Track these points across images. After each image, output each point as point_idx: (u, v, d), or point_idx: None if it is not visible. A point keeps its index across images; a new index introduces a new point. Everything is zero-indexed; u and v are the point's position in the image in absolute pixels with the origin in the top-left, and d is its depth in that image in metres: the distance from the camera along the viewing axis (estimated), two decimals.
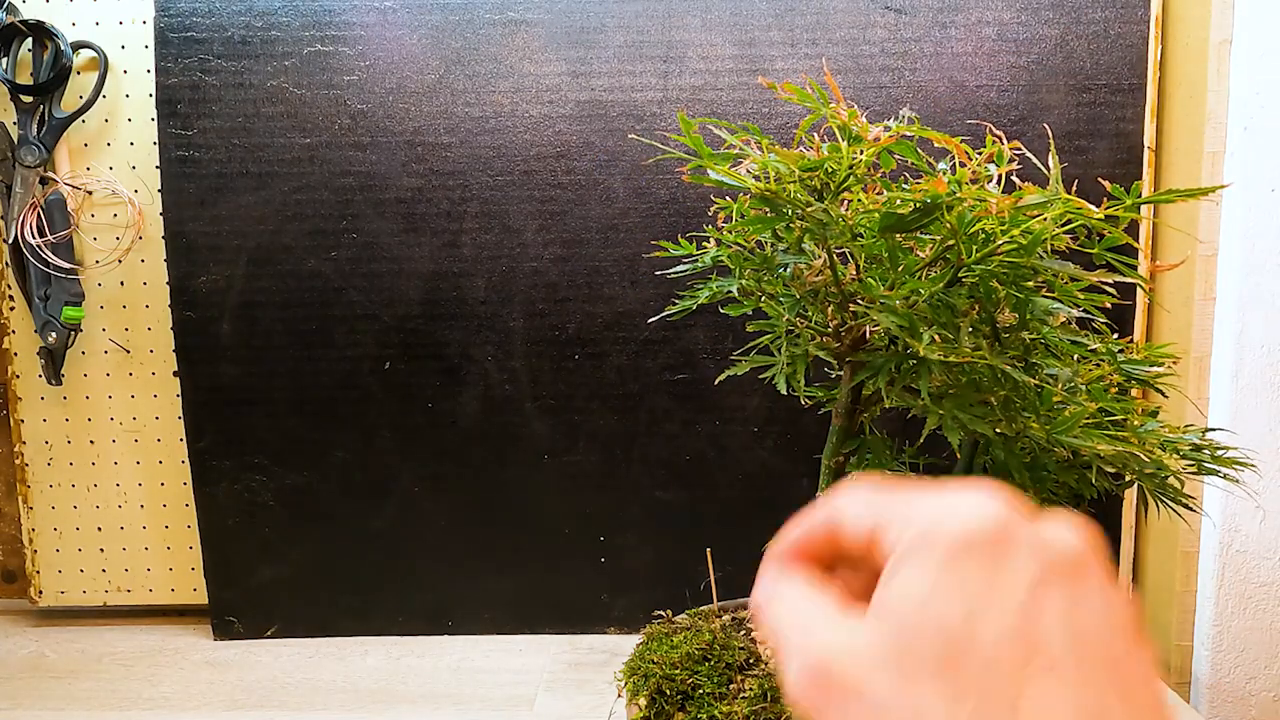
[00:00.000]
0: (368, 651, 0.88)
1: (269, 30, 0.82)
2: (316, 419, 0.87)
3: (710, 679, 0.53)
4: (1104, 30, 0.80)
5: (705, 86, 0.82)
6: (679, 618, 0.61)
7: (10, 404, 0.91)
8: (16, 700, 0.79)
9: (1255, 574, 0.78)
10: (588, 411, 0.87)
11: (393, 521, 0.89)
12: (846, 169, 0.43)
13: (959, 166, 0.44)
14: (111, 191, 0.87)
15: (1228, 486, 0.76)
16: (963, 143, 0.44)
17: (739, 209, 0.50)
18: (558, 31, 0.82)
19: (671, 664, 0.54)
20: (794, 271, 0.48)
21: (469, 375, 0.86)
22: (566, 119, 0.83)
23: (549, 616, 0.90)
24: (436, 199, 0.84)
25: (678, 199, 0.83)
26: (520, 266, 0.85)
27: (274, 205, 0.84)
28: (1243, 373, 0.76)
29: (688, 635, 0.57)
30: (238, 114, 0.83)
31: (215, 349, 0.86)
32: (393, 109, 0.83)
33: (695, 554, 0.88)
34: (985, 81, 0.81)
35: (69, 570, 0.93)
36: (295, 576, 0.89)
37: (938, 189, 0.40)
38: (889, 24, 0.81)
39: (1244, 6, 0.74)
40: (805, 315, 0.50)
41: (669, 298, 0.84)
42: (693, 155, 0.44)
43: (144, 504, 0.92)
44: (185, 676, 0.83)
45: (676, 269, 0.54)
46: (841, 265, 0.47)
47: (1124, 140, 0.81)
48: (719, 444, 0.86)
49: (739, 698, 0.51)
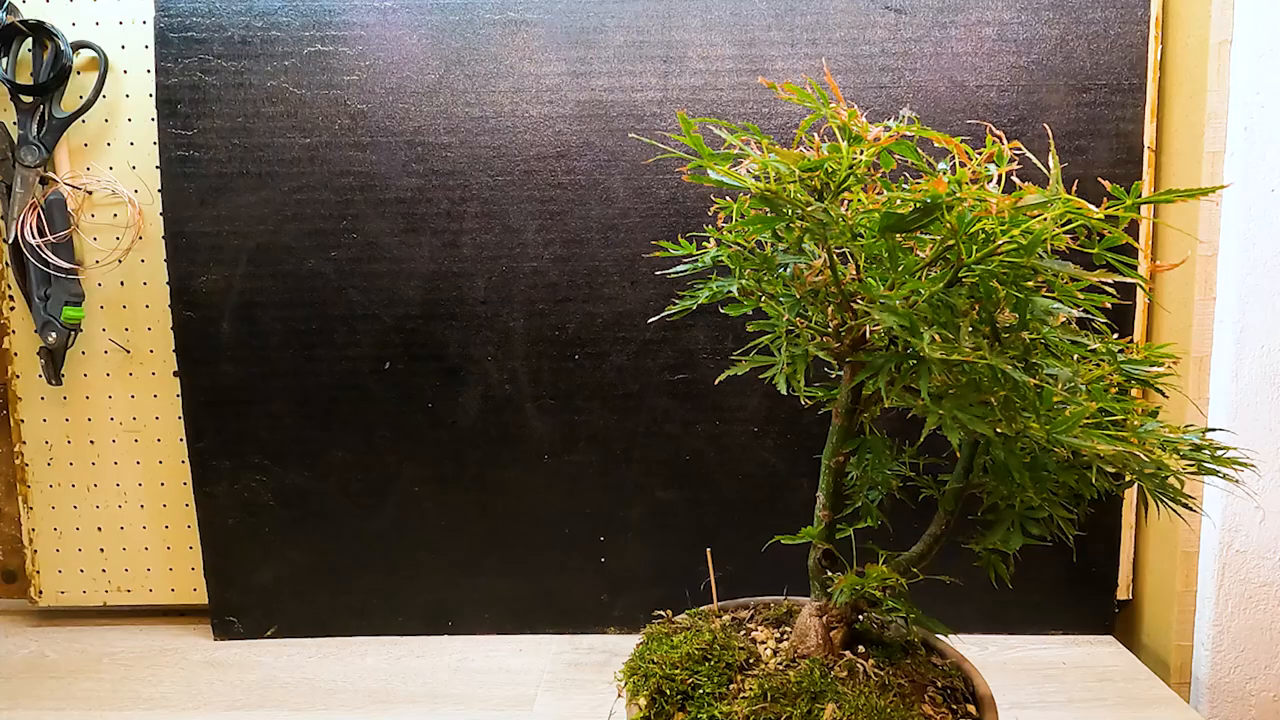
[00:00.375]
0: (368, 651, 0.88)
1: (269, 30, 0.82)
2: (316, 419, 0.87)
3: (710, 679, 0.53)
4: (1104, 30, 0.80)
5: (705, 86, 0.82)
6: (679, 618, 0.61)
7: (10, 404, 0.91)
8: (16, 700, 0.79)
9: (1255, 574, 0.78)
10: (588, 411, 0.87)
11: (393, 521, 0.89)
12: (846, 169, 0.43)
13: (959, 166, 0.44)
14: (111, 191, 0.87)
15: (1228, 486, 0.76)
16: (962, 142, 0.44)
17: (739, 209, 0.50)
18: (558, 31, 0.82)
19: (672, 664, 0.54)
20: (794, 271, 0.48)
21: (469, 375, 0.86)
22: (566, 119, 0.83)
23: (549, 616, 0.90)
24: (436, 199, 0.84)
25: (678, 199, 0.83)
26: (520, 266, 0.85)
27: (274, 205, 0.84)
28: (1243, 373, 0.76)
29: (688, 635, 0.57)
30: (238, 114, 0.83)
31: (215, 349, 0.86)
32: (393, 109, 0.83)
33: (695, 554, 0.88)
34: (985, 81, 0.81)
35: (69, 570, 0.93)
36: (295, 576, 0.89)
37: (938, 189, 0.40)
38: (889, 24, 0.81)
39: (1244, 6, 0.74)
40: (805, 315, 0.50)
41: (669, 298, 0.84)
42: (693, 155, 0.44)
43: (144, 504, 0.92)
44: (185, 676, 0.83)
45: (676, 269, 0.54)
46: (841, 265, 0.47)
47: (1124, 140, 0.81)
48: (719, 444, 0.86)
49: (739, 698, 0.51)
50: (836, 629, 0.56)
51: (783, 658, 0.56)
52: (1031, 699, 0.75)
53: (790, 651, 0.56)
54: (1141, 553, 0.86)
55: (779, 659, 0.55)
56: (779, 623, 0.61)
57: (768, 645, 0.57)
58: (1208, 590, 0.78)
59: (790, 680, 0.52)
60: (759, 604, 0.64)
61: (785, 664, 0.55)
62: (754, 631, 0.59)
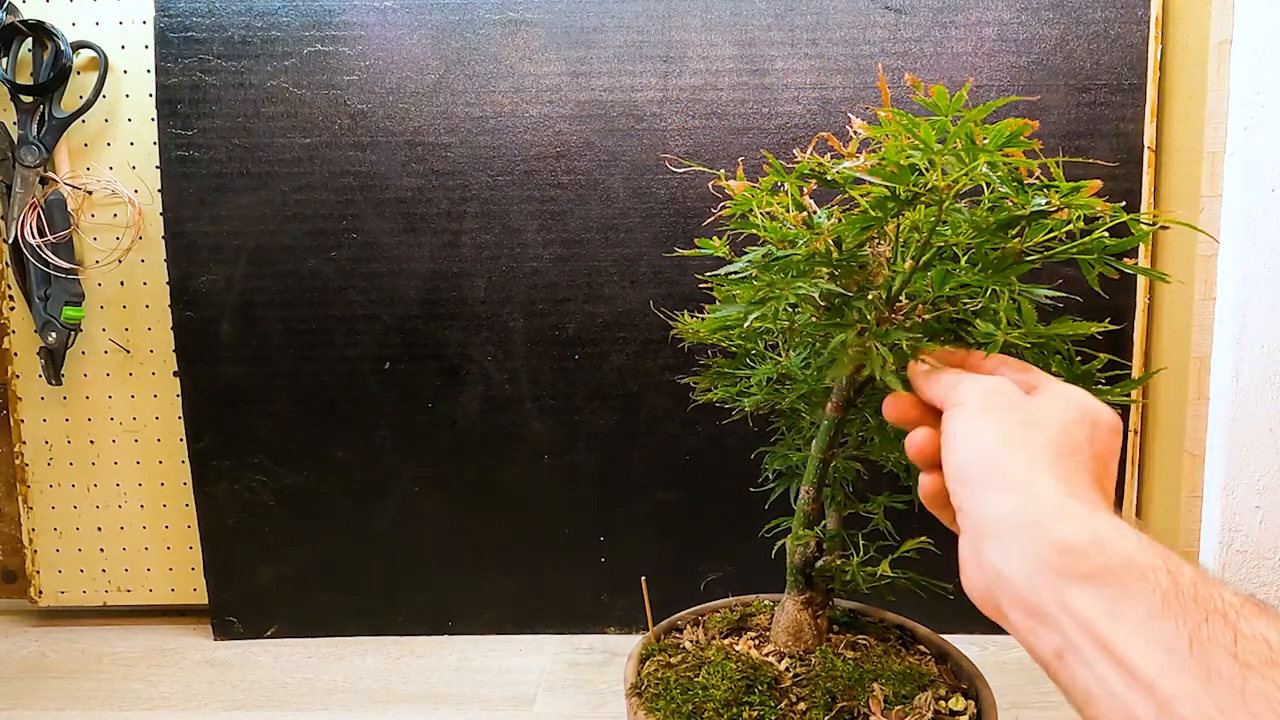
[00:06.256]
0: (368, 651, 0.88)
1: (269, 30, 0.82)
2: (316, 419, 0.87)
3: (766, 704, 0.52)
4: (1104, 30, 0.80)
5: (705, 86, 0.82)
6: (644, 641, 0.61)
7: (10, 404, 0.91)
8: (16, 700, 0.79)
9: (1255, 574, 0.78)
10: (588, 411, 0.87)
11: (393, 521, 0.89)
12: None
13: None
14: (111, 191, 0.87)
15: (1228, 486, 0.76)
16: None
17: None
18: (558, 31, 0.82)
19: (724, 703, 0.52)
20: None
21: (469, 375, 0.86)
22: (566, 119, 0.83)
23: (549, 616, 0.90)
24: (436, 199, 0.84)
25: (678, 199, 0.83)
26: (520, 266, 0.85)
27: (274, 205, 0.84)
28: (1243, 373, 0.76)
29: (691, 662, 0.57)
30: (238, 114, 0.83)
31: (215, 349, 0.86)
32: (393, 109, 0.83)
33: (695, 554, 0.88)
34: (985, 81, 0.81)
35: (69, 570, 0.93)
36: (295, 576, 0.89)
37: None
38: (889, 24, 0.81)
39: (1244, 6, 0.74)
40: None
41: (669, 297, 0.84)
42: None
43: (144, 504, 0.92)
44: (185, 676, 0.83)
45: (718, 270, 0.50)
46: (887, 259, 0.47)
47: (1124, 140, 0.81)
48: (719, 444, 0.86)
49: (809, 711, 0.51)
50: (820, 616, 0.57)
51: (790, 661, 0.56)
52: (1031, 699, 0.75)
53: (789, 650, 0.56)
54: None
55: (787, 664, 0.55)
56: (738, 630, 0.61)
57: (762, 653, 0.57)
58: None
59: (822, 676, 0.53)
60: (689, 615, 0.64)
61: (800, 664, 0.55)
62: (736, 646, 0.59)
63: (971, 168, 0.39)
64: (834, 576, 0.56)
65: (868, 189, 0.43)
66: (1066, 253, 0.43)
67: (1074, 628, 0.30)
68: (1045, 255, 0.43)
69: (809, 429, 0.58)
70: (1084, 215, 0.42)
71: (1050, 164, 0.42)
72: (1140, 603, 0.29)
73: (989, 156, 0.39)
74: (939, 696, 0.53)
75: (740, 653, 0.57)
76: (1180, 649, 0.27)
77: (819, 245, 0.44)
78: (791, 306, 0.48)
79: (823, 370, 0.52)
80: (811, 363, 0.54)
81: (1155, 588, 0.29)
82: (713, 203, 0.52)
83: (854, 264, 0.45)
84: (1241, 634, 0.26)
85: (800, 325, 0.48)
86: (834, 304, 0.46)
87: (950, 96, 0.39)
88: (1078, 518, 0.31)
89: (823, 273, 0.46)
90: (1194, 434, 0.79)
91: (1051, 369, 0.46)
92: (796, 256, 0.45)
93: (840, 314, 0.45)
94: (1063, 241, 0.43)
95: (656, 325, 0.84)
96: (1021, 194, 0.42)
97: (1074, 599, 0.30)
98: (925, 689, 0.53)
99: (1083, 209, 0.41)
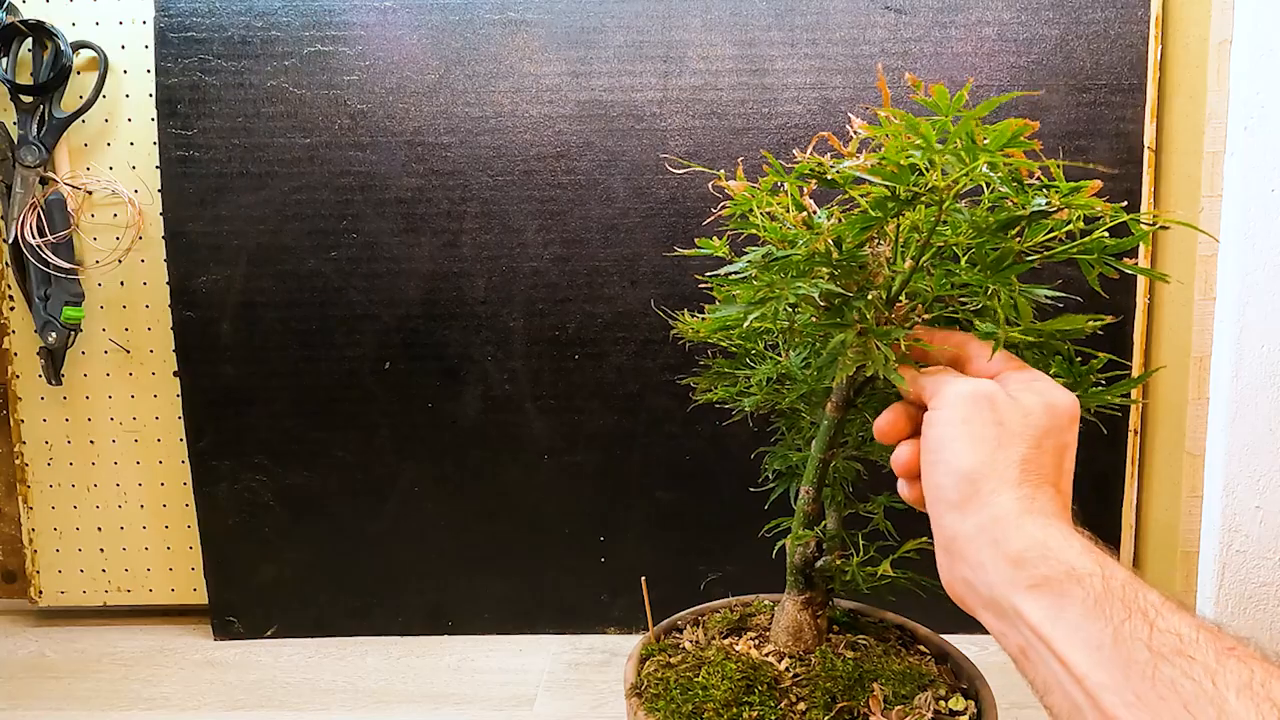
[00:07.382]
0: (368, 651, 0.88)
1: (269, 30, 0.82)
2: (316, 419, 0.87)
3: (766, 704, 0.52)
4: (1104, 30, 0.80)
5: (705, 86, 0.82)
6: (647, 641, 0.60)
7: (10, 404, 0.91)
8: (16, 700, 0.79)
9: (1255, 574, 0.78)
10: (588, 411, 0.87)
11: (393, 521, 0.89)
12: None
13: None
14: (111, 191, 0.87)
15: (1228, 486, 0.76)
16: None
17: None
18: (558, 31, 0.82)
19: (724, 704, 0.52)
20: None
21: (469, 375, 0.86)
22: (566, 119, 0.83)
23: (549, 616, 0.90)
24: (436, 199, 0.84)
25: (678, 199, 0.83)
26: (520, 266, 0.85)
27: (274, 205, 0.84)
28: (1243, 373, 0.76)
29: (691, 663, 0.57)
30: (238, 114, 0.83)
31: (215, 349, 0.86)
32: (393, 109, 0.83)
33: (695, 554, 0.88)
34: (985, 81, 0.81)
35: (69, 570, 0.93)
36: (295, 576, 0.89)
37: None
38: (889, 24, 0.81)
39: (1244, 6, 0.74)
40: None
41: (669, 297, 0.84)
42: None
43: (144, 504, 0.92)
44: (185, 676, 0.83)
45: (718, 270, 0.50)
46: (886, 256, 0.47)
47: (1124, 140, 0.81)
48: (719, 444, 0.86)
49: (808, 712, 0.51)
50: (820, 616, 0.57)
51: (790, 661, 0.56)
52: (1031, 699, 0.75)
53: (789, 650, 0.56)
54: (1141, 553, 0.86)
55: (787, 664, 0.55)
56: (738, 630, 0.61)
57: (762, 653, 0.57)
58: (1208, 590, 0.78)
59: (821, 676, 0.53)
60: (689, 615, 0.64)
61: (800, 664, 0.55)
62: (736, 646, 0.59)
63: (972, 168, 0.39)
64: (834, 576, 0.56)
65: (868, 189, 0.43)
66: (1066, 253, 0.43)
67: (1027, 630, 0.34)
68: (1045, 255, 0.43)
69: (809, 429, 0.58)
70: (1084, 215, 0.42)
71: (1051, 164, 0.42)
72: (1076, 606, 0.33)
73: (989, 156, 0.39)
74: (939, 696, 0.53)
75: (740, 653, 0.57)
76: (1106, 644, 0.31)
77: (819, 245, 0.44)
78: (791, 306, 0.48)
79: (823, 370, 0.52)
80: (811, 363, 0.54)
81: (1089, 592, 0.33)
82: (713, 203, 0.52)
83: (854, 264, 0.45)
84: (1157, 628, 0.31)
85: (800, 325, 0.48)
86: (834, 304, 0.46)
87: (950, 96, 0.39)
88: (1031, 533, 0.36)
89: (823, 273, 0.46)
90: (1194, 434, 0.79)
91: (1051, 369, 0.46)
92: (796, 256, 0.45)
93: (840, 314, 0.45)
94: (1063, 241, 0.43)
95: (657, 325, 0.84)
96: (1021, 194, 0.42)
97: (1024, 605, 0.35)
98: (925, 689, 0.53)
99: (1083, 209, 0.41)
